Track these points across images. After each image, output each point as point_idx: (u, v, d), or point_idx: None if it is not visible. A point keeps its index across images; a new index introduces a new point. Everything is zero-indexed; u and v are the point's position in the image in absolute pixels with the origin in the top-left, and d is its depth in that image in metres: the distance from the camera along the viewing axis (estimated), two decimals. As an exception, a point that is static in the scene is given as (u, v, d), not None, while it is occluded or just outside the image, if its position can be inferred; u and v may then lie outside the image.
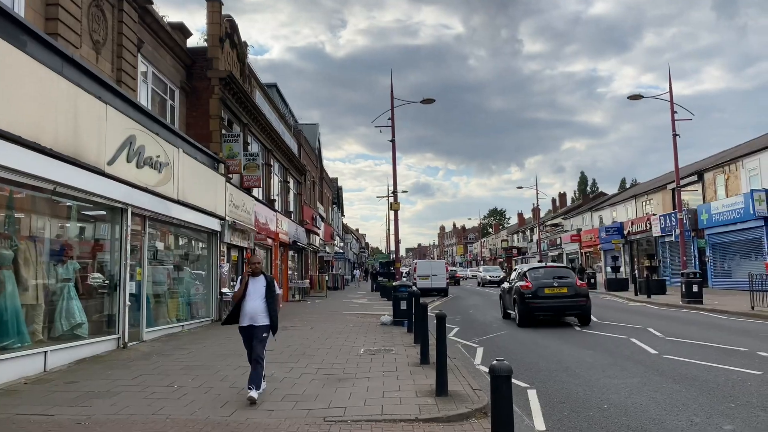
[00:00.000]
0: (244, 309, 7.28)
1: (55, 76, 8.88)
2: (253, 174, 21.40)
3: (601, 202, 57.89)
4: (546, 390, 7.87)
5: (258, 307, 7.26)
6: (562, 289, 15.67)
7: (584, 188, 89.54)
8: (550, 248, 63.15)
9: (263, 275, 7.49)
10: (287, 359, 10.11)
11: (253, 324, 7.24)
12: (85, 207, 10.85)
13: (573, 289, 15.68)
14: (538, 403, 7.17)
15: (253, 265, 7.49)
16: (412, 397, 7.13)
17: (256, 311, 7.24)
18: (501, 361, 3.69)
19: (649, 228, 39.22)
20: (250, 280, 7.39)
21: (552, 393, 7.71)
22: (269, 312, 7.27)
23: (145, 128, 12.20)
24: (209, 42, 18.92)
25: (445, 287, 32.79)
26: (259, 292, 7.31)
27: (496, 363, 3.68)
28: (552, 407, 6.98)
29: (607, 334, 13.39)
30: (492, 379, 3.70)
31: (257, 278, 7.41)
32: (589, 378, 8.57)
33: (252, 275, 7.44)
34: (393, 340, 12.46)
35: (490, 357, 10.77)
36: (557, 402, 7.23)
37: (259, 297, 7.29)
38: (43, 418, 6.25)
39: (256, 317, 7.23)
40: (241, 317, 7.30)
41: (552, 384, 8.26)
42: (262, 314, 7.24)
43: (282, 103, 35.91)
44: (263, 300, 7.29)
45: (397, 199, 24.19)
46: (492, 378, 3.70)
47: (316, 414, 6.43)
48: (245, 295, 7.31)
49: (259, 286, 7.35)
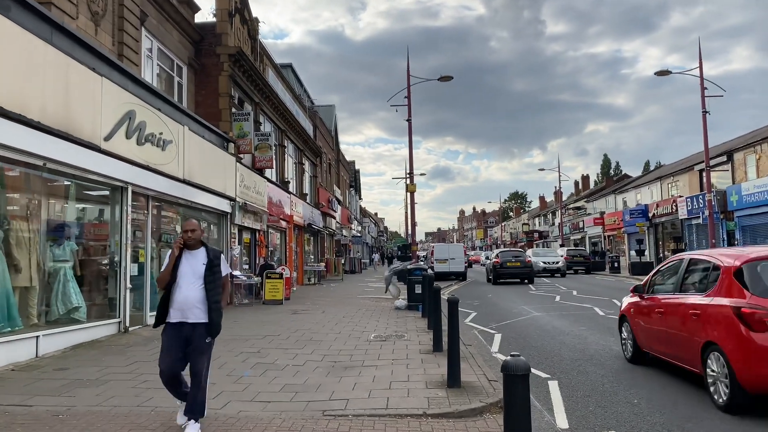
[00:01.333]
0: (173, 298, 5.06)
1: (43, 45, 8.32)
2: (265, 154, 20.83)
3: (625, 184, 56.46)
4: (569, 381, 7.22)
5: (193, 296, 5.03)
6: (517, 263, 28.16)
7: (607, 171, 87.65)
8: (572, 232, 61.92)
9: (204, 248, 5.21)
10: (293, 345, 9.58)
11: (185, 321, 5.03)
12: (83, 186, 10.36)
13: (523, 263, 28.09)
14: (560, 395, 6.52)
15: (186, 234, 5.11)
16: (421, 388, 6.53)
17: (189, 302, 5.01)
18: (517, 357, 3.02)
19: (675, 210, 37.98)
20: (183, 257, 5.12)
21: (575, 385, 7.05)
22: (209, 304, 5.06)
23: (147, 103, 11.64)
24: (218, 16, 18.27)
25: (463, 271, 32.07)
26: (195, 273, 5.08)
27: (511, 360, 3.01)
28: (575, 401, 6.33)
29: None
30: (505, 379, 3.03)
31: (194, 253, 5.16)
32: (616, 368, 7.89)
33: (186, 248, 5.15)
34: (406, 325, 11.87)
35: (508, 344, 10.13)
36: (581, 395, 6.57)
37: (195, 281, 5.06)
38: (20, 410, 5.77)
39: (190, 311, 5.02)
40: (171, 310, 5.08)
41: (575, 375, 7.59)
42: (198, 307, 5.05)
43: (297, 84, 35.27)
44: (202, 285, 5.07)
45: (413, 181, 23.52)
46: (505, 377, 3.03)
47: (315, 407, 5.87)
48: (175, 277, 5.07)
49: (196, 265, 5.11)
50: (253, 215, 19.57)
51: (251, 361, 8.24)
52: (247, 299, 17.58)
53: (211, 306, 5.06)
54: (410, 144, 22.80)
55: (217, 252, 5.31)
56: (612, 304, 16.12)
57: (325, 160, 38.16)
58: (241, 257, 18.70)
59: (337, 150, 46.61)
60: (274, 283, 17.16)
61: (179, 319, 5.04)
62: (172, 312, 5.06)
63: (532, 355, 9.06)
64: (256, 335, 10.64)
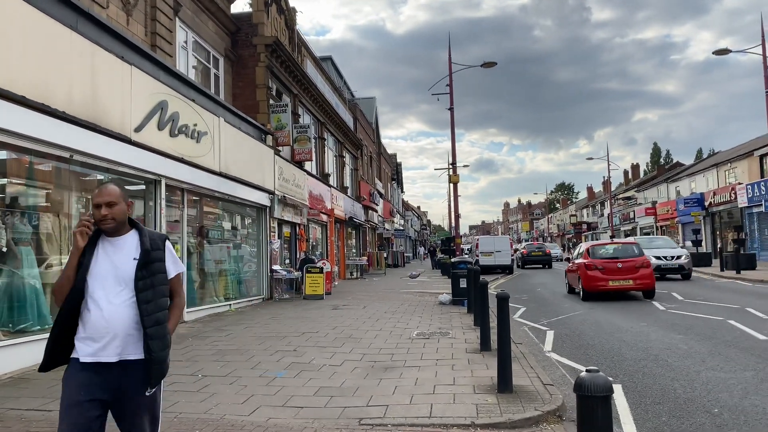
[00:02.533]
0: (82, 319, 2.93)
1: (68, 32, 7.99)
2: (304, 147, 20.45)
3: (677, 172, 54.11)
4: (634, 385, 6.46)
5: (117, 314, 2.90)
6: (539, 253, 37.58)
7: (657, 160, 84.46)
8: (622, 222, 59.85)
9: (136, 232, 3.07)
10: (331, 343, 9.07)
11: (104, 360, 2.88)
12: (114, 180, 10.08)
13: (543, 253, 37.49)
14: (625, 402, 5.77)
15: (99, 211, 2.94)
16: (468, 393, 5.90)
17: (111, 325, 2.88)
18: (594, 372, 2.36)
19: (733, 198, 36.04)
20: (99, 248, 2.97)
21: (642, 390, 6.28)
22: (145, 326, 2.91)
23: (180, 94, 11.31)
24: (254, 6, 17.90)
25: (509, 264, 31.05)
26: (120, 274, 2.93)
27: (587, 377, 2.35)
28: (644, 409, 5.59)
29: (698, 315, 11.66)
30: (580, 401, 2.37)
31: (117, 241, 3.01)
32: (686, 370, 7.06)
33: (103, 235, 3.00)
34: (450, 321, 11.23)
35: (562, 342, 9.39)
36: (651, 402, 5.81)
37: (120, 288, 2.92)
38: (38, 415, 5.41)
39: (112, 342, 2.89)
40: (77, 341, 2.92)
41: (641, 377, 6.82)
42: (129, 333, 2.92)
43: (337, 76, 34.85)
44: (132, 296, 2.92)
45: (456, 172, 22.76)
46: (580, 399, 2.37)
47: (351, 414, 5.31)
48: (83, 284, 2.91)
49: (121, 261, 2.96)
50: (292, 209, 19.21)
51: (286, 360, 7.76)
52: (288, 294, 17.23)
53: (149, 330, 2.90)
54: (452, 133, 22.03)
55: (160, 237, 3.13)
56: (671, 297, 15.08)
57: (365, 152, 37.67)
58: (281, 251, 18.36)
59: (378, 142, 46.06)
60: (315, 277, 16.75)
61: (93, 356, 2.87)
62: (79, 344, 2.90)
63: (589, 355, 8.31)
64: (293, 332, 10.18)
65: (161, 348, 2.97)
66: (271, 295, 16.66)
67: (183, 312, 3.11)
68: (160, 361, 2.96)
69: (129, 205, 3.10)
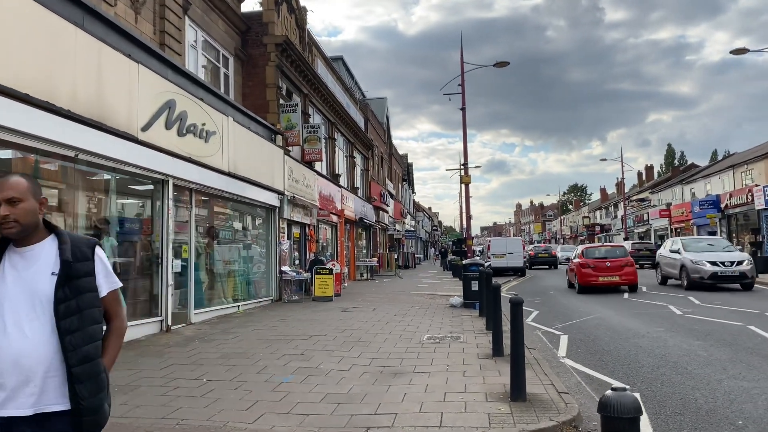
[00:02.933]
0: None
1: (73, 29, 7.87)
2: (314, 147, 20.30)
3: (692, 174, 53.45)
4: (653, 394, 6.21)
5: (31, 349, 2.18)
6: (545, 255, 39.71)
7: (672, 161, 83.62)
8: (636, 224, 59.18)
9: (55, 237, 2.34)
10: (339, 346, 8.88)
11: (6, 415, 2.16)
12: (121, 179, 9.95)
13: (549, 255, 39.49)
14: (645, 413, 5.53)
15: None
16: (480, 401, 5.69)
17: (23, 364, 2.16)
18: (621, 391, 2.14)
19: (750, 200, 35.46)
20: (6, 260, 2.27)
21: (661, 399, 6.03)
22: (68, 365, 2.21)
23: (188, 93, 11.18)
24: (264, 5, 17.77)
25: (521, 266, 30.76)
26: (35, 295, 2.23)
27: (613, 396, 2.14)
28: (665, 420, 5.34)
29: (716, 320, 11.35)
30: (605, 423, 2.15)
31: (27, 252, 2.29)
32: (707, 379, 6.80)
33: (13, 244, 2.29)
34: (462, 325, 11.00)
35: (576, 347, 9.14)
36: (670, 413, 5.57)
37: (34, 314, 2.21)
38: (37, 420, 5.26)
39: (24, 386, 2.17)
40: None
41: (659, 386, 6.56)
42: (49, 374, 2.21)
43: (348, 77, 34.70)
44: (51, 323, 2.22)
45: (467, 172, 22.53)
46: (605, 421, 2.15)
47: (358, 422, 5.12)
48: None
49: (34, 278, 2.25)
50: (302, 209, 19.06)
51: (293, 365, 7.58)
52: (297, 295, 17.07)
53: (76, 369, 2.23)
54: (464, 133, 21.81)
55: (87, 244, 2.40)
56: (688, 301, 14.75)
57: (376, 153, 37.50)
58: (291, 252, 18.22)
59: (389, 143, 45.89)
60: (324, 279, 16.58)
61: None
62: None
63: (605, 361, 8.06)
64: (301, 335, 10.01)
65: (94, 392, 2.25)
66: (280, 296, 16.52)
67: (123, 339, 2.53)
68: (92, 411, 2.24)
69: (42, 202, 2.33)
